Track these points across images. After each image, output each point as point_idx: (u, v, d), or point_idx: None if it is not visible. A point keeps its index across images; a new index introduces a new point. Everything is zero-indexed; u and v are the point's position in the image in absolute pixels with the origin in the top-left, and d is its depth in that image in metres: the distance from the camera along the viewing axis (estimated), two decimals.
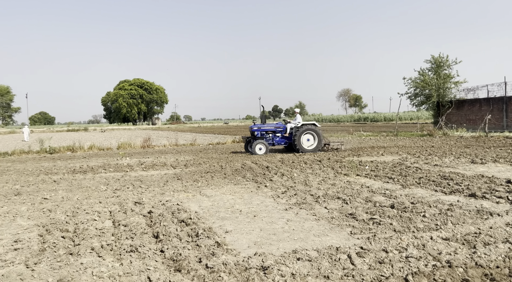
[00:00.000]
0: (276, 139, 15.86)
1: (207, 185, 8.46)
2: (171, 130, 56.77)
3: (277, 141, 15.83)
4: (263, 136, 15.74)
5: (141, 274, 3.55)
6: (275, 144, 15.87)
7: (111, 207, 6.49)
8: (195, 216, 5.65)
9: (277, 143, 15.86)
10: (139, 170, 11.27)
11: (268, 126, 15.98)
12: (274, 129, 15.84)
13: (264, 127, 15.86)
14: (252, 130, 15.73)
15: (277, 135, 15.90)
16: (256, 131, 15.67)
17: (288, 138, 15.79)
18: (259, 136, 15.65)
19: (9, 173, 11.07)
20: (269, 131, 15.85)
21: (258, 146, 14.97)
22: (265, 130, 15.80)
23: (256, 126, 15.79)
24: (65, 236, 4.81)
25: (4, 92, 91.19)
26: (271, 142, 15.75)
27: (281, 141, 15.85)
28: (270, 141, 15.74)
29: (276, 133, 15.90)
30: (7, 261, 4.02)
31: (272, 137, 15.85)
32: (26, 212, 6.23)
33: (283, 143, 15.90)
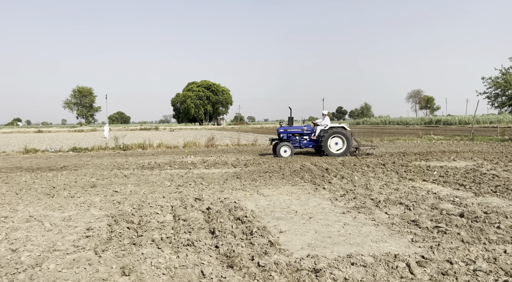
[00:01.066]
0: (303, 141, 15.35)
1: (264, 185, 8.52)
2: (234, 130, 58.15)
3: (304, 143, 15.33)
4: (290, 138, 15.29)
5: (195, 267, 3.67)
6: (302, 146, 15.37)
7: (173, 202, 6.81)
8: (250, 214, 5.71)
9: (305, 146, 15.37)
10: (202, 168, 11.69)
11: (295, 128, 15.45)
12: (301, 131, 15.33)
13: (290, 129, 15.37)
14: (278, 132, 15.38)
15: (305, 137, 15.37)
16: (282, 133, 15.28)
17: (316, 141, 15.20)
18: (285, 138, 15.26)
19: (88, 167, 12.13)
20: (296, 134, 15.36)
21: (283, 149, 14.60)
22: (292, 132, 15.33)
23: (282, 128, 15.40)
24: (130, 227, 5.14)
25: (87, 93, 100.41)
26: (297, 145, 15.29)
27: (308, 144, 15.35)
28: (297, 144, 15.28)
29: (303, 136, 15.37)
30: (79, 247, 4.40)
31: (299, 139, 15.34)
32: (98, 203, 6.77)
33: (311, 146, 15.39)
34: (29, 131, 61.60)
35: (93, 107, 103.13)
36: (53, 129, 73.09)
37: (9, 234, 4.86)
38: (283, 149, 14.60)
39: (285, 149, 14.61)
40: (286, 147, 14.62)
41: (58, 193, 7.66)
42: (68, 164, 13.04)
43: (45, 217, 5.74)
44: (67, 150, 18.98)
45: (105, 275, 3.51)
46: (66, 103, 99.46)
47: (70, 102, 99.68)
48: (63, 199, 7.15)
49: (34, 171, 11.30)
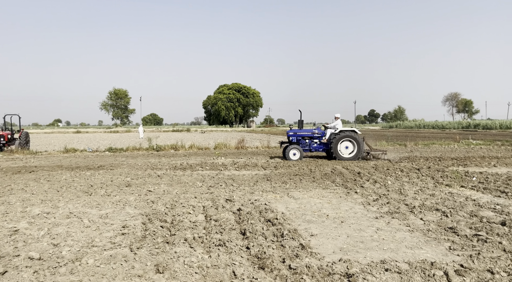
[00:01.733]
0: (313, 145, 15.07)
1: (295, 188, 8.48)
2: (264, 132, 58.22)
3: (314, 147, 15.05)
4: (300, 141, 15.07)
5: (227, 267, 3.71)
6: (312, 150, 15.07)
7: (204, 202, 6.91)
8: (281, 216, 5.70)
9: (314, 149, 15.07)
10: (232, 170, 11.79)
11: (305, 131, 15.21)
12: (311, 134, 15.07)
13: (300, 132, 15.14)
14: (288, 135, 15.19)
15: (315, 141, 15.09)
16: (292, 136, 15.10)
17: (326, 145, 14.87)
18: (295, 142, 15.06)
19: (123, 167, 12.54)
20: (306, 137, 15.11)
21: (292, 152, 14.40)
22: (302, 136, 15.10)
23: (292, 131, 15.19)
24: (163, 226, 5.27)
25: (123, 95, 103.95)
26: (307, 148, 15.04)
27: (318, 147, 15.04)
28: (307, 147, 15.04)
29: (313, 139, 15.11)
30: (115, 244, 4.55)
31: (309, 142, 15.09)
32: (133, 202, 6.98)
33: (321, 149, 15.07)
34: (68, 131, 64.49)
35: (128, 108, 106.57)
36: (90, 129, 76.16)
37: (51, 229, 5.11)
38: (292, 152, 14.42)
39: (294, 152, 14.43)
40: (295, 150, 14.43)
41: (95, 191, 7.97)
42: (104, 164, 13.54)
43: (84, 214, 5.98)
44: (103, 150, 19.70)
45: (140, 272, 3.62)
46: (102, 105, 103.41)
47: (107, 104, 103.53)
48: (100, 197, 7.42)
49: (73, 169, 11.81)
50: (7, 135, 19.85)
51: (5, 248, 4.29)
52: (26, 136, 21.06)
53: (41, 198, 7.18)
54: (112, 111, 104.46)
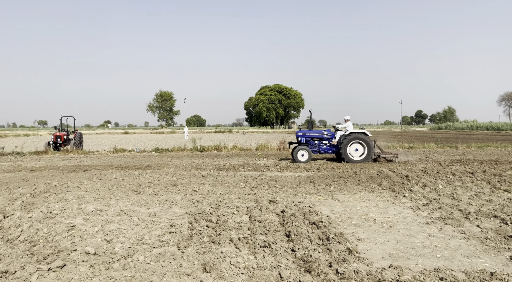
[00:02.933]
0: (322, 146, 14.81)
1: (339, 190, 8.30)
2: None
3: (323, 148, 14.78)
4: (309, 142, 14.82)
5: (272, 269, 3.69)
6: (321, 151, 14.81)
7: (248, 203, 6.95)
8: (326, 220, 5.60)
9: (324, 151, 14.79)
10: (275, 171, 11.77)
11: (314, 132, 14.99)
12: (321, 136, 14.82)
13: (309, 133, 14.91)
14: (297, 136, 14.97)
15: (324, 142, 14.80)
16: (301, 137, 14.84)
17: (336, 146, 14.49)
18: (304, 143, 14.81)
19: (169, 167, 12.93)
20: (315, 138, 14.87)
21: (301, 153, 14.13)
22: (311, 137, 14.86)
23: (301, 132, 14.98)
24: (209, 225, 5.36)
25: (168, 97, 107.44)
26: (316, 150, 14.79)
27: (328, 149, 14.75)
28: (316, 149, 14.79)
29: (322, 140, 14.83)
30: (163, 242, 4.69)
31: (319, 144, 14.84)
32: (179, 201, 7.16)
33: (331, 151, 14.76)
34: (117, 132, 67.69)
35: (173, 110, 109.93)
36: (137, 130, 79.42)
37: (104, 226, 5.36)
38: (300, 153, 14.18)
39: (303, 153, 14.19)
40: (304, 151, 14.18)
41: (143, 190, 8.27)
42: (151, 164, 14.04)
43: (134, 212, 6.22)
44: (150, 151, 20.45)
45: (188, 270, 3.69)
46: (149, 107, 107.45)
47: (153, 105, 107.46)
48: (148, 196, 7.69)
49: (122, 169, 12.35)
50: (63, 136, 21.19)
51: (63, 243, 4.56)
52: (80, 136, 22.36)
53: (94, 196, 7.56)
54: (158, 113, 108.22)
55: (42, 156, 18.09)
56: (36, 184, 8.60)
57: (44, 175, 10.95)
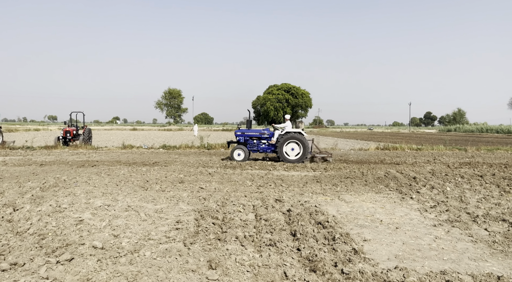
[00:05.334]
0: (261, 145, 14.76)
1: (346, 191, 8.28)
2: (313, 133, 57.56)
3: (262, 148, 14.72)
4: (248, 141, 14.81)
5: (278, 268, 3.70)
6: (260, 151, 14.76)
7: (254, 201, 6.96)
8: (332, 220, 5.59)
9: (263, 150, 14.73)
10: (281, 170, 11.77)
11: (253, 131, 14.93)
12: (259, 135, 14.79)
13: (248, 132, 14.87)
14: (235, 135, 14.99)
15: (263, 141, 14.76)
16: (240, 136, 14.87)
17: (274, 146, 14.44)
18: (242, 142, 14.83)
19: (176, 164, 13.00)
20: (254, 137, 14.84)
21: (237, 152, 14.27)
22: (250, 136, 14.84)
23: (240, 131, 14.95)
24: (215, 223, 5.38)
25: (176, 94, 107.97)
26: (255, 149, 14.76)
27: (267, 148, 14.68)
28: (255, 148, 14.76)
29: (261, 140, 14.81)
30: (170, 238, 4.72)
31: (257, 143, 14.80)
32: (186, 198, 7.20)
33: (269, 150, 14.68)
34: (125, 128, 68.19)
35: (181, 108, 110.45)
36: (145, 127, 79.92)
37: (111, 221, 5.41)
38: (237, 152, 14.29)
39: (239, 153, 14.28)
40: (240, 150, 14.28)
41: (151, 187, 8.33)
42: (159, 160, 14.13)
43: (141, 208, 6.28)
44: (158, 147, 20.58)
45: (194, 267, 3.72)
46: (157, 104, 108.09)
47: (161, 103, 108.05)
48: (155, 192, 7.74)
49: (130, 165, 12.45)
50: (73, 131, 21.41)
51: (71, 237, 4.61)
52: (89, 132, 22.57)
53: (102, 191, 7.63)
54: (166, 110, 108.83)
55: (51, 150, 18.30)
56: (45, 178, 8.70)
57: (53, 169, 11.08)
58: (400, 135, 53.31)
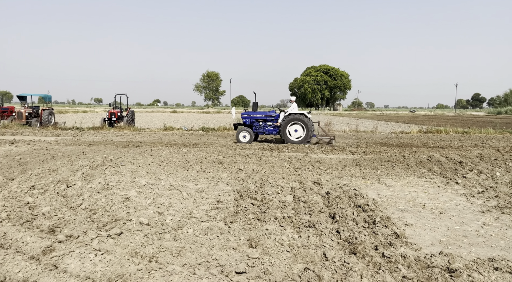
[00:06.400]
0: (266, 127, 14.70)
1: (386, 174, 8.09)
2: (351, 116, 56.28)
3: (267, 130, 14.67)
4: (253, 124, 14.77)
5: (317, 249, 3.73)
6: (266, 133, 14.77)
7: (292, 183, 6.98)
8: (372, 203, 5.50)
9: (268, 132, 14.69)
10: (319, 153, 11.67)
11: (258, 113, 14.85)
12: (265, 117, 14.68)
13: (254, 114, 14.81)
14: (241, 117, 14.96)
15: (268, 123, 14.68)
16: (245, 119, 14.83)
17: (279, 127, 14.30)
18: (248, 124, 14.80)
19: (215, 145, 13.25)
20: (260, 119, 14.77)
21: (242, 134, 14.30)
22: (255, 118, 14.78)
23: (246, 113, 14.91)
24: (254, 203, 5.47)
25: (214, 77, 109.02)
26: (261, 131, 14.74)
27: (272, 130, 14.59)
28: (261, 130, 14.74)
29: (267, 122, 14.71)
30: (211, 217, 4.87)
31: (263, 125, 14.73)
32: (225, 179, 7.35)
33: (275, 132, 14.57)
34: (166, 111, 70.07)
35: (218, 90, 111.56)
36: (184, 110, 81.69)
37: (155, 199, 5.65)
38: (242, 134, 14.34)
39: (244, 135, 14.34)
40: (246, 133, 14.34)
41: (191, 167, 8.56)
42: (198, 142, 14.45)
43: (183, 187, 6.49)
44: (197, 129, 21.02)
45: (235, 245, 3.83)
46: (196, 87, 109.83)
47: (200, 86, 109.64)
48: (196, 172, 7.96)
49: (172, 146, 12.84)
50: (117, 113, 22.32)
51: (119, 213, 4.88)
52: (132, 114, 23.43)
53: (146, 170, 7.95)
54: (205, 93, 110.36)
55: (98, 131, 19.22)
56: (94, 158, 9.18)
57: (100, 149, 11.66)
58: (444, 117, 50.90)
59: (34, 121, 21.83)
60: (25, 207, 5.05)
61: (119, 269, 3.22)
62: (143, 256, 3.53)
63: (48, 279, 3.03)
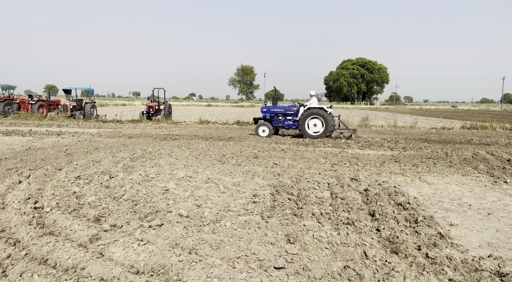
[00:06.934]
0: (286, 122, 14.73)
1: (428, 172, 7.79)
2: (389, 111, 54.66)
3: (287, 124, 14.69)
4: (273, 118, 14.83)
5: (357, 247, 3.65)
6: (285, 127, 14.79)
7: (329, 179, 6.88)
8: (414, 201, 5.32)
9: (288, 126, 14.72)
10: (356, 148, 11.43)
11: (278, 108, 14.93)
12: (284, 111, 14.75)
13: (274, 109, 14.89)
14: (261, 111, 15.02)
15: (288, 118, 14.70)
16: (265, 113, 14.92)
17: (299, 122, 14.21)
18: (268, 118, 14.88)
19: (249, 139, 13.31)
20: (280, 114, 14.83)
21: (261, 128, 14.41)
22: (275, 112, 14.85)
23: (265, 108, 14.94)
24: (290, 198, 5.44)
25: (249, 71, 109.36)
26: (280, 125, 14.79)
27: (292, 125, 14.59)
28: (280, 124, 14.78)
29: (286, 116, 14.74)
30: (248, 211, 4.90)
31: (283, 120, 14.76)
32: (261, 173, 7.37)
33: (294, 127, 14.54)
34: (201, 104, 71.21)
35: (253, 84, 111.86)
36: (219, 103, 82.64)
37: (193, 192, 5.76)
38: (261, 128, 14.44)
39: (264, 129, 14.43)
40: (265, 127, 14.41)
41: (227, 161, 8.65)
42: (233, 136, 14.57)
43: (219, 181, 6.57)
44: (232, 123, 21.20)
45: (273, 240, 3.83)
46: (230, 81, 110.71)
47: (234, 80, 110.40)
48: (232, 166, 8.03)
49: (207, 139, 13.03)
50: (155, 106, 22.93)
51: (159, 204, 5.01)
52: (169, 107, 23.98)
53: (184, 163, 8.12)
54: (239, 87, 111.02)
55: (137, 124, 19.85)
56: (134, 150, 9.50)
57: (140, 141, 12.04)
58: (489, 113, 48.30)
59: (78, 114, 22.87)
60: (72, 196, 5.30)
61: (161, 260, 3.31)
62: (183, 248, 3.61)
63: (95, 266, 3.17)
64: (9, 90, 25.22)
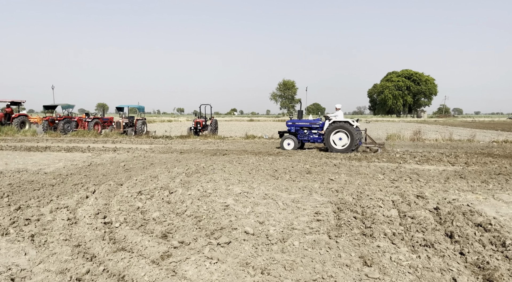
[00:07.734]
0: (311, 135, 14.69)
1: (500, 189, 7.18)
2: (439, 123, 52.19)
3: (312, 138, 14.64)
4: (298, 131, 14.85)
5: (443, 272, 3.35)
6: (311, 141, 14.70)
7: (392, 196, 6.52)
8: (495, 222, 4.86)
9: (313, 140, 14.64)
10: (413, 163, 10.88)
11: (303, 121, 14.89)
12: (310, 125, 14.71)
13: (299, 122, 14.90)
14: (286, 125, 15.07)
15: (313, 131, 14.65)
16: (290, 127, 14.96)
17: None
18: (293, 132, 14.92)
19: (299, 154, 13.10)
20: (305, 127, 14.81)
21: (287, 141, 14.55)
22: (300, 126, 14.87)
23: (291, 121, 14.97)
24: (356, 217, 5.18)
25: (290, 86, 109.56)
26: (305, 139, 14.73)
27: (317, 138, 14.54)
28: (305, 138, 14.73)
29: (312, 130, 14.70)
30: (313, 229, 4.71)
31: (308, 133, 14.73)
32: (318, 189, 7.14)
33: (320, 140, 14.43)
34: (243, 119, 72.04)
35: (294, 98, 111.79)
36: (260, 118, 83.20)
37: (253, 208, 5.66)
38: (286, 142, 14.55)
39: (289, 142, 14.53)
40: (290, 140, 14.52)
41: (280, 176, 8.52)
42: (281, 150, 14.44)
43: (277, 197, 6.44)
44: (277, 138, 21.10)
45: (347, 261, 3.61)
46: (272, 96, 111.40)
47: (276, 94, 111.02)
48: (286, 181, 7.88)
49: (257, 154, 13.00)
50: (202, 122, 23.41)
51: (223, 221, 4.96)
52: (215, 123, 24.40)
53: (238, 178, 8.09)
54: (280, 101, 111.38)
55: (186, 139, 20.32)
56: (187, 165, 9.63)
57: (191, 157, 12.24)
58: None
59: (129, 130, 23.86)
60: (137, 211, 5.40)
61: (236, 280, 3.21)
62: (254, 267, 3.49)
63: None
64: (68, 109, 26.92)
